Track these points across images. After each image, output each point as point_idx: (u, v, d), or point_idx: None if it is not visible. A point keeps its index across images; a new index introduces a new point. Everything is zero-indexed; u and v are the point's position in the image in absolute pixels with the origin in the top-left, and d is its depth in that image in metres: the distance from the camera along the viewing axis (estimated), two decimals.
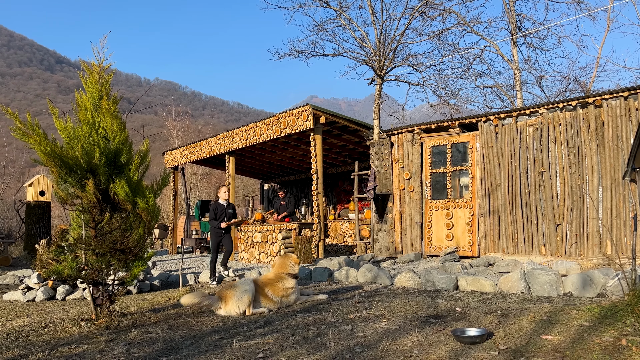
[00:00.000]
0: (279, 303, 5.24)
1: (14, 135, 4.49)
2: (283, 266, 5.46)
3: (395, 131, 10.21)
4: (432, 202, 9.62)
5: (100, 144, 4.77)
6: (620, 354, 3.00)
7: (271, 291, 5.23)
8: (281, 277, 5.38)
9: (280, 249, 11.17)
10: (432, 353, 3.29)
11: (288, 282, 5.37)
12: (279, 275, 5.40)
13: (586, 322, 3.84)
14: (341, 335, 3.89)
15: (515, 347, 3.33)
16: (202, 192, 33.70)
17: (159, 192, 5.16)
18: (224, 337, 4.03)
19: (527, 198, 8.36)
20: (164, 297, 6.34)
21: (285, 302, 5.29)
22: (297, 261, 5.56)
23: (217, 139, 13.96)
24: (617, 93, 7.58)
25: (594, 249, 7.57)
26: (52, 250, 4.82)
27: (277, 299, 5.24)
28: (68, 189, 4.72)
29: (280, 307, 5.25)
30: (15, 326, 4.83)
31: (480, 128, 9.04)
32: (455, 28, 13.64)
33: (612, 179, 7.50)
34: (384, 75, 10.95)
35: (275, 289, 5.27)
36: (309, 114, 10.69)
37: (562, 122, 8.09)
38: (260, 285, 5.26)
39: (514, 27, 14.55)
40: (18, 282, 8.92)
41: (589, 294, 5.30)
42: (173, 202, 15.89)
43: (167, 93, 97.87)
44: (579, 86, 15.67)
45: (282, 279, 5.37)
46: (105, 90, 5.02)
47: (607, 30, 15.16)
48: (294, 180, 18.36)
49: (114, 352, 3.66)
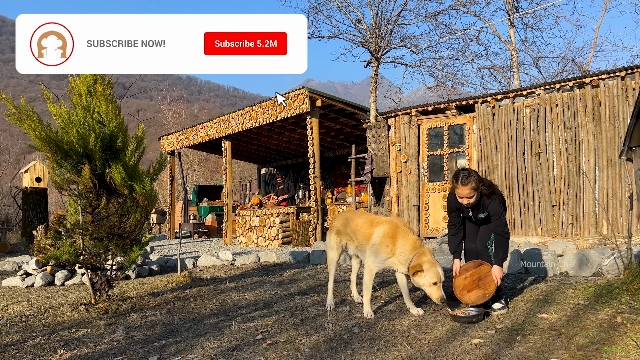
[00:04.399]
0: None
1: (8, 120, 4.45)
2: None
3: (392, 114, 10.18)
4: (429, 185, 9.63)
5: (96, 128, 4.74)
6: (615, 331, 3.04)
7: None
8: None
9: (278, 232, 11.21)
10: (429, 333, 3.33)
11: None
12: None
13: (582, 301, 3.87)
14: (339, 317, 3.92)
15: (512, 326, 3.37)
16: (199, 177, 33.66)
17: (156, 177, 5.14)
18: (223, 319, 4.05)
19: (523, 179, 8.37)
20: (163, 282, 6.36)
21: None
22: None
23: (213, 123, 13.89)
24: (614, 73, 7.54)
25: (590, 229, 7.61)
26: (50, 236, 4.81)
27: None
28: (64, 174, 4.70)
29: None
30: (15, 311, 4.85)
31: (477, 110, 9.01)
32: (451, 9, 13.53)
33: (608, 159, 7.51)
34: (381, 57, 10.87)
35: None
36: (305, 97, 10.63)
37: (559, 103, 8.06)
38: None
39: (511, 7, 14.43)
40: (16, 268, 8.93)
41: (585, 273, 5.34)
42: (170, 187, 15.87)
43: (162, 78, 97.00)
44: (576, 66, 15.62)
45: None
46: (100, 75, 4.97)
47: (604, 9, 15.07)
48: (291, 164, 18.34)
49: (114, 335, 3.69)
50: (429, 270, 3.64)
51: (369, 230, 4.04)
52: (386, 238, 3.87)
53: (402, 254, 3.81)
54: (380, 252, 3.88)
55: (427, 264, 3.65)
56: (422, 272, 3.65)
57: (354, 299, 4.55)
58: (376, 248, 3.90)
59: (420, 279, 3.68)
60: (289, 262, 8.02)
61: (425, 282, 3.67)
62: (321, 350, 3.03)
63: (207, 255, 8.75)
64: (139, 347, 3.33)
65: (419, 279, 3.69)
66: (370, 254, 3.97)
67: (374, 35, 10.79)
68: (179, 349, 3.24)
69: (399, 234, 3.86)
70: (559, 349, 2.81)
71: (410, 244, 3.79)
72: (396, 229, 3.89)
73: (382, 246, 3.87)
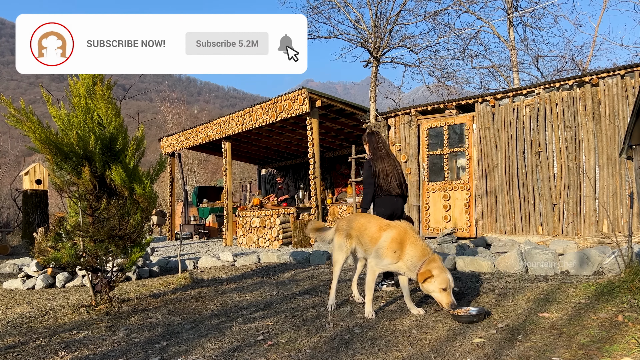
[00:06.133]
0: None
1: (8, 122, 4.45)
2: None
3: (391, 114, 10.18)
4: (430, 184, 9.63)
5: (95, 130, 4.73)
6: (616, 329, 3.03)
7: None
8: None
9: (278, 233, 11.20)
10: (430, 332, 3.32)
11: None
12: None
13: (583, 300, 3.87)
14: (340, 317, 3.92)
15: (513, 325, 3.36)
16: (199, 178, 33.68)
17: (156, 178, 5.13)
18: (224, 320, 4.05)
19: (524, 178, 8.37)
20: (164, 283, 6.36)
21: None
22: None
23: (213, 124, 13.89)
24: (614, 71, 7.55)
25: (590, 228, 7.61)
26: (50, 237, 4.80)
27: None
28: (64, 176, 4.69)
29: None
30: (16, 314, 4.84)
31: (477, 109, 9.01)
32: (451, 8, 13.55)
33: (608, 157, 7.51)
34: (380, 57, 10.88)
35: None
36: (304, 98, 10.63)
37: (559, 102, 8.06)
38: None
39: (510, 6, 14.44)
40: (17, 270, 8.93)
41: (585, 272, 5.34)
42: (170, 188, 15.86)
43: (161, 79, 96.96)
44: (576, 65, 15.63)
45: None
46: (99, 76, 4.96)
47: (603, 7, 15.08)
48: (291, 165, 18.34)
49: (115, 337, 3.68)
50: (439, 276, 3.64)
51: (377, 234, 4.03)
52: (394, 243, 3.87)
53: (410, 260, 3.80)
54: (386, 256, 3.87)
55: (437, 270, 3.65)
56: (431, 277, 3.64)
57: (355, 299, 4.55)
58: (383, 252, 3.90)
59: (430, 285, 3.68)
60: (289, 263, 8.02)
61: (435, 288, 3.66)
62: (322, 351, 3.03)
63: (208, 256, 8.74)
64: (140, 349, 3.32)
65: (429, 285, 3.68)
66: (375, 256, 3.96)
67: (373, 35, 10.80)
68: (180, 350, 3.24)
69: (407, 240, 3.86)
70: (561, 347, 2.80)
71: (420, 251, 3.79)
72: (405, 234, 3.89)
73: (390, 251, 3.87)
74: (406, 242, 3.85)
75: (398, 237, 3.88)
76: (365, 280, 3.98)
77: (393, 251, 3.85)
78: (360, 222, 4.29)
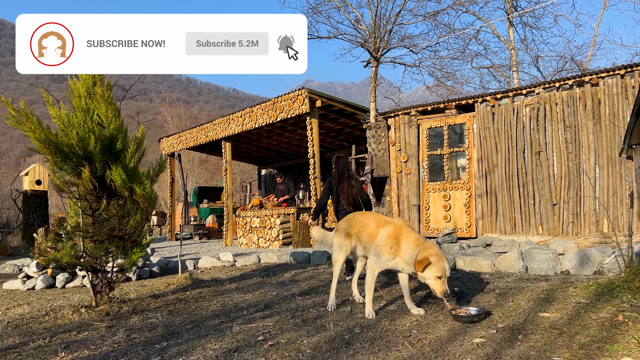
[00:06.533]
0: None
1: (8, 123, 4.45)
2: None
3: (391, 114, 10.17)
4: (430, 184, 9.63)
5: (95, 130, 4.73)
6: (616, 329, 3.03)
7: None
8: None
9: (278, 233, 11.20)
10: (430, 332, 3.32)
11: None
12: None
13: (583, 299, 3.87)
14: (340, 317, 3.92)
15: (513, 325, 3.36)
16: (199, 178, 33.67)
17: (156, 179, 5.13)
18: (224, 321, 4.05)
19: (524, 178, 8.37)
20: (164, 283, 6.36)
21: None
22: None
23: (213, 124, 13.89)
24: (614, 71, 7.54)
25: (590, 228, 7.61)
26: (50, 238, 4.80)
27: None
28: (64, 176, 4.69)
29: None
30: (16, 314, 4.84)
31: (476, 109, 9.01)
32: (450, 8, 13.56)
33: (608, 157, 7.51)
34: (380, 57, 10.88)
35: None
36: (304, 98, 10.63)
37: (559, 102, 8.06)
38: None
39: (510, 6, 14.44)
40: (17, 271, 8.93)
41: (586, 272, 5.34)
42: (170, 189, 15.86)
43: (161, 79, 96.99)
44: (576, 65, 15.63)
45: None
46: (99, 77, 4.96)
47: (603, 7, 15.08)
48: (291, 165, 18.33)
49: (115, 337, 3.68)
50: (436, 264, 3.62)
51: (375, 231, 4.04)
52: (390, 239, 3.87)
53: (406, 253, 3.80)
54: (384, 252, 3.88)
55: (434, 257, 3.64)
56: (430, 265, 3.63)
57: (355, 299, 4.55)
58: (380, 249, 3.90)
59: (426, 272, 3.66)
60: (289, 263, 8.02)
61: (430, 275, 3.64)
62: (322, 351, 3.03)
63: (208, 257, 8.74)
64: (140, 349, 3.33)
65: (425, 272, 3.67)
66: (373, 255, 3.97)
67: (373, 35, 10.80)
68: (180, 350, 3.24)
69: (402, 235, 3.86)
70: (561, 347, 2.80)
71: (413, 242, 3.79)
72: (400, 230, 3.89)
73: (386, 247, 3.87)
74: (401, 237, 3.85)
75: (394, 233, 3.89)
76: (365, 280, 3.98)
77: (390, 247, 3.86)
78: (359, 220, 4.30)
